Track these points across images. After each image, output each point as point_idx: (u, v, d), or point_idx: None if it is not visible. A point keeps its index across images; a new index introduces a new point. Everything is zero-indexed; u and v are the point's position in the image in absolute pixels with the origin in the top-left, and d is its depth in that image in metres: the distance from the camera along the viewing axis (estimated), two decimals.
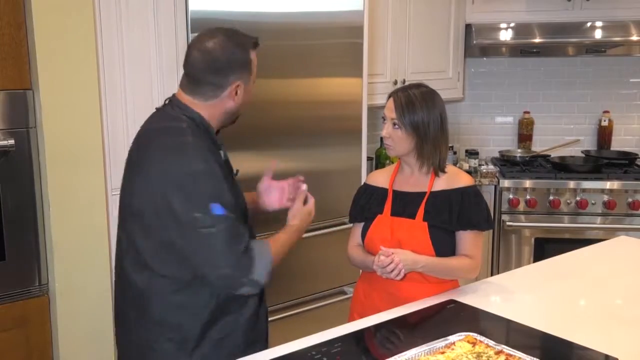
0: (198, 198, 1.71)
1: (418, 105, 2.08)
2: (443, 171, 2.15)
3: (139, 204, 1.79)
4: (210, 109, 1.85)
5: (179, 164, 1.74)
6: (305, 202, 2.06)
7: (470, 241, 2.11)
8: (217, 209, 1.71)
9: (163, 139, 1.80)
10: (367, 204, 2.23)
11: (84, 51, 2.41)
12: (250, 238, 1.83)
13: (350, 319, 2.19)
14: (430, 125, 2.09)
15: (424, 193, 2.14)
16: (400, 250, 2.04)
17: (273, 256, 1.83)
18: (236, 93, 1.84)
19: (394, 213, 2.15)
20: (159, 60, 2.60)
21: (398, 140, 2.11)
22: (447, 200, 2.11)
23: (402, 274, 2.00)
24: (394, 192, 2.19)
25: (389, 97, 2.15)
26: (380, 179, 2.27)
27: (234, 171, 1.95)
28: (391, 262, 1.98)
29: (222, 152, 1.88)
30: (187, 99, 1.86)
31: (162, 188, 1.73)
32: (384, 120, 2.15)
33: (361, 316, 2.08)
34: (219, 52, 1.80)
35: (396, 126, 2.10)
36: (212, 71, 1.81)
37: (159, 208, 1.73)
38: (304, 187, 2.08)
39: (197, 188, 1.71)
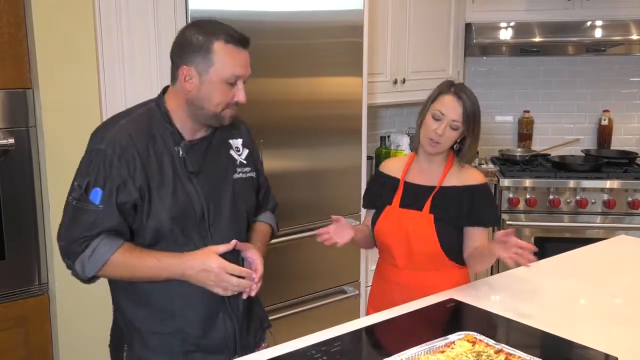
0: (78, 170, 1.77)
1: (478, 111, 2.11)
2: (469, 163, 2.20)
3: None
4: (175, 95, 1.79)
5: (92, 136, 1.80)
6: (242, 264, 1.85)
7: (483, 236, 2.13)
8: (93, 194, 1.70)
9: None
10: (378, 192, 2.26)
11: (83, 50, 2.41)
12: (111, 236, 1.71)
13: (367, 313, 2.22)
14: (479, 128, 2.14)
15: (434, 187, 2.16)
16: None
17: (112, 263, 1.71)
18: (187, 79, 1.74)
19: (403, 205, 2.18)
20: (159, 59, 2.60)
21: (449, 140, 2.11)
22: (457, 196, 2.13)
23: None
24: (406, 183, 2.21)
25: (445, 93, 2.11)
26: (394, 167, 2.28)
27: (190, 169, 1.79)
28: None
29: (178, 149, 1.77)
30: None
31: None
32: (437, 118, 2.09)
33: (376, 310, 2.10)
34: (183, 34, 1.79)
35: (455, 128, 2.09)
36: (172, 51, 1.80)
37: None
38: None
39: (83, 161, 1.77)
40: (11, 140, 2.34)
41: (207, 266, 1.73)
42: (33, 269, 2.46)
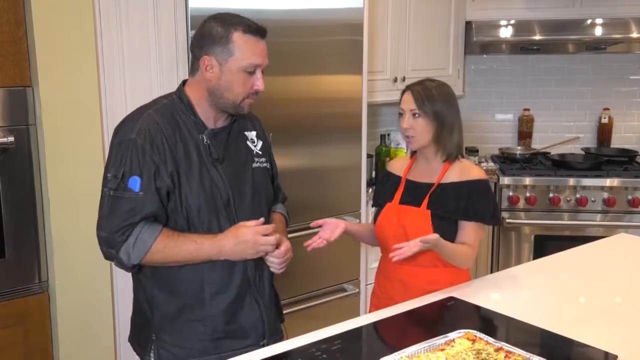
0: (109, 161, 1.81)
1: (435, 94, 2.15)
2: (462, 156, 2.23)
3: None
4: (196, 85, 1.86)
5: (118, 129, 1.84)
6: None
7: (472, 232, 2.14)
8: (132, 182, 1.75)
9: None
10: (382, 190, 2.31)
11: (83, 48, 2.41)
12: (151, 223, 1.77)
13: (369, 312, 2.22)
14: (448, 113, 2.17)
15: (434, 184, 2.17)
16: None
17: (154, 250, 1.77)
18: (208, 69, 1.81)
19: (403, 202, 2.20)
20: (159, 58, 2.60)
21: (420, 129, 2.14)
22: (456, 191, 2.15)
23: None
24: (407, 181, 2.24)
25: (404, 92, 2.19)
26: (398, 166, 2.33)
27: (215, 156, 1.86)
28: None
29: (203, 136, 1.85)
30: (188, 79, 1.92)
31: None
32: (402, 115, 2.18)
33: (377, 309, 2.11)
34: (203, 27, 1.85)
35: (417, 115, 2.14)
36: (193, 42, 1.87)
37: None
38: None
39: (112, 152, 1.81)
40: (11, 139, 2.35)
41: (242, 238, 1.81)
42: (33, 267, 2.47)
